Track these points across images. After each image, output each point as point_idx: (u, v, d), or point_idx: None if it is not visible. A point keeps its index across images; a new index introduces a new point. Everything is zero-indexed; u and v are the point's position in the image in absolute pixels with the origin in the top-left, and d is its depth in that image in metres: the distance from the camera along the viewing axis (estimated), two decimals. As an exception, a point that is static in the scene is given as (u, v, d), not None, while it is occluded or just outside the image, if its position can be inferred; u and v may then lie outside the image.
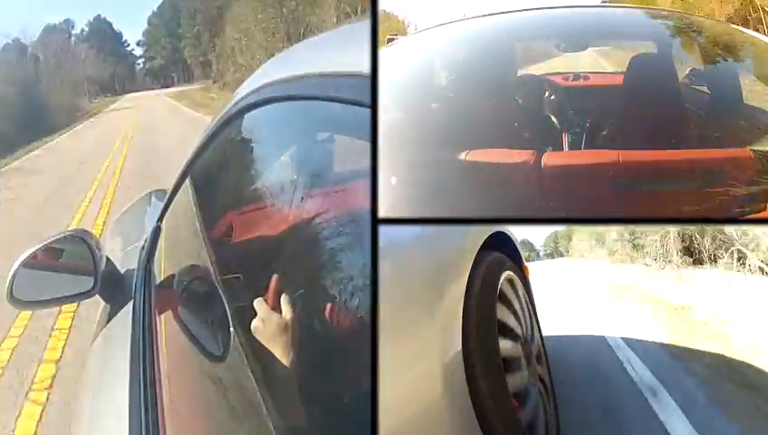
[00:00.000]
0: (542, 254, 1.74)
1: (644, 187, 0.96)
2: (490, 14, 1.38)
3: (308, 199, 0.89)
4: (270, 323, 0.75)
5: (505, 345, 0.82)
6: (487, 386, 0.71)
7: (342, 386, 0.67)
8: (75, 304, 3.44)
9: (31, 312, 3.60)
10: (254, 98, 1.06)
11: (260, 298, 0.77)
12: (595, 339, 1.40)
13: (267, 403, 0.70)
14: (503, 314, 0.85)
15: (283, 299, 0.75)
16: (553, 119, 1.19)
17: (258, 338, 0.76)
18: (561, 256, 1.83)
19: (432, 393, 0.64)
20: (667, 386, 1.18)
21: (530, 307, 1.04)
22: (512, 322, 0.89)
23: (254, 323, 0.76)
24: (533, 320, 1.03)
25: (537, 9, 1.46)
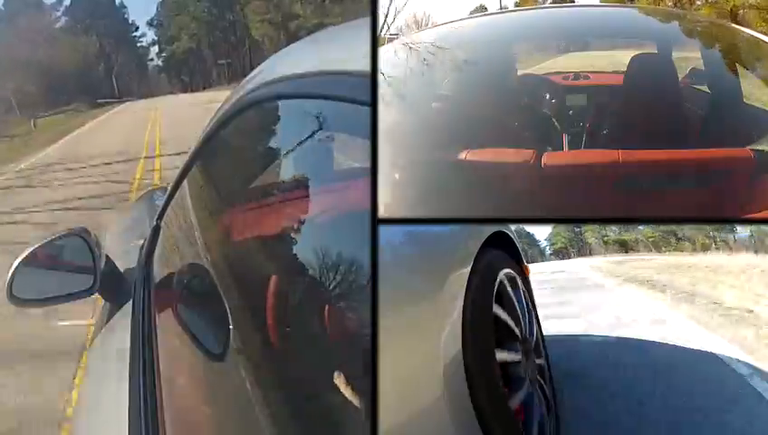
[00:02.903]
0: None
1: (644, 187, 0.96)
2: (490, 14, 1.38)
3: (308, 198, 0.89)
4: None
5: (502, 343, 0.82)
6: (484, 384, 0.71)
7: (342, 385, 0.67)
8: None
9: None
10: (253, 96, 1.06)
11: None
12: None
13: (266, 402, 0.70)
14: (500, 311, 0.85)
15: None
16: (553, 118, 1.19)
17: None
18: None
19: (432, 393, 0.64)
20: None
21: (530, 306, 1.04)
22: (509, 319, 0.89)
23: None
24: (533, 318, 1.04)
25: (537, 9, 1.46)
